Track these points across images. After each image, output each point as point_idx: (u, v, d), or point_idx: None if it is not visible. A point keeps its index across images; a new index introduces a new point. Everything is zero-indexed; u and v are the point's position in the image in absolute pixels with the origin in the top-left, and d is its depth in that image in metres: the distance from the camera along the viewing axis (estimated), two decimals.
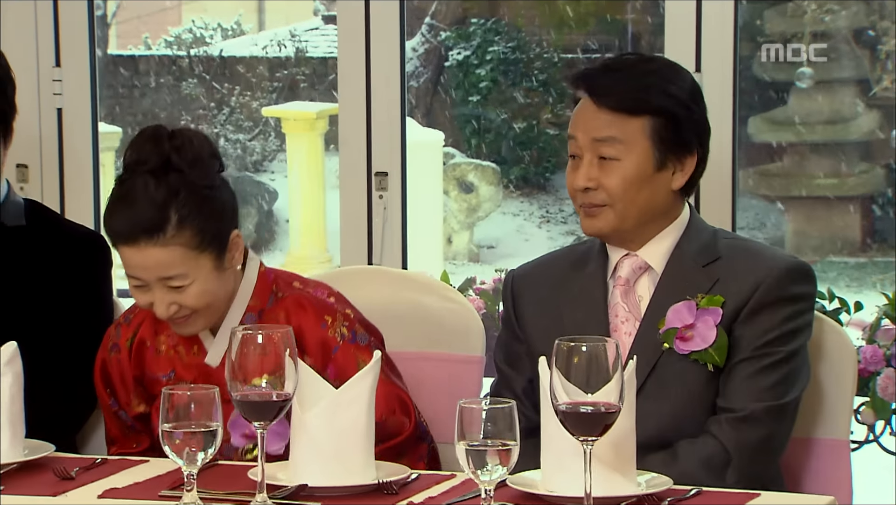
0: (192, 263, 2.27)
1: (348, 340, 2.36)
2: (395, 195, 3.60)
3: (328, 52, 10.27)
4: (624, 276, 2.38)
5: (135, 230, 2.25)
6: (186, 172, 2.28)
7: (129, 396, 2.45)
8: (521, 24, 9.37)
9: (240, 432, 2.30)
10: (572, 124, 2.39)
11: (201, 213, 2.28)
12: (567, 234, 8.89)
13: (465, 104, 9.25)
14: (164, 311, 2.29)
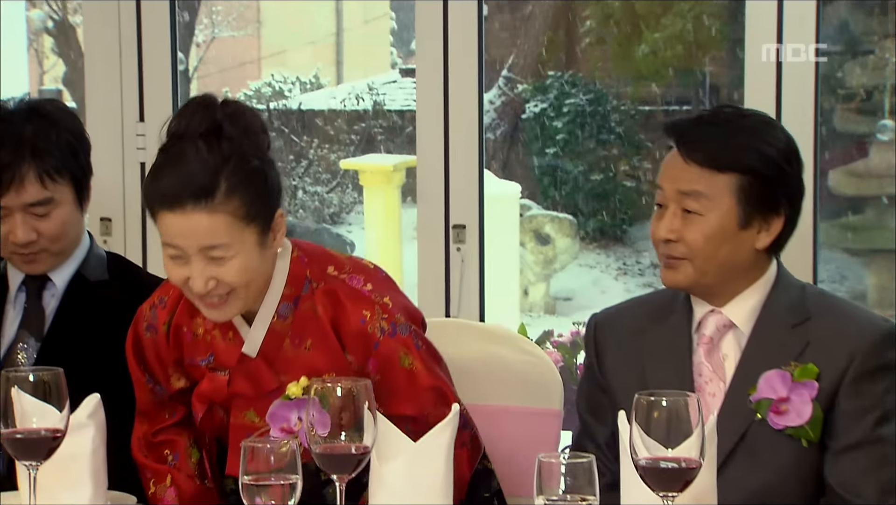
0: (236, 235, 2.16)
1: (388, 333, 2.27)
2: (473, 248, 3.60)
3: (405, 104, 10.34)
4: (708, 333, 2.34)
5: (183, 193, 2.14)
6: (238, 141, 2.18)
7: (167, 373, 2.36)
8: (598, 77, 9.37)
9: (279, 426, 2.23)
10: (661, 173, 2.36)
11: (251, 183, 2.18)
12: (644, 287, 8.84)
13: (542, 156, 9.26)
14: (201, 285, 2.17)
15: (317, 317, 2.27)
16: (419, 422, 2.25)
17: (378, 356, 2.27)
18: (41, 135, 2.52)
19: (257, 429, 2.28)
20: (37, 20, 11.24)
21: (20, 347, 2.56)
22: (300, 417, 2.22)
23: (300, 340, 2.28)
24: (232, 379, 2.30)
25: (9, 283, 2.62)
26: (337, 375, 2.24)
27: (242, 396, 2.30)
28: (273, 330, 2.28)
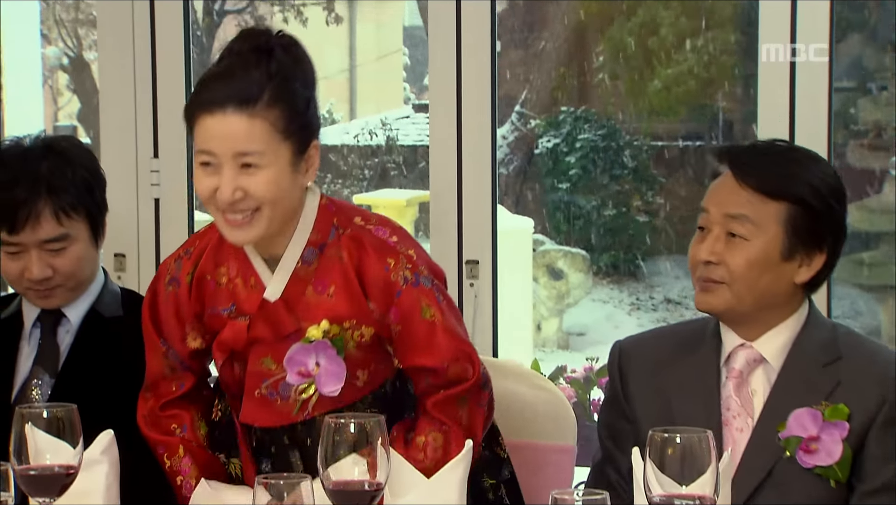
0: (272, 146, 2.17)
1: (412, 283, 2.26)
2: (486, 283, 3.60)
3: (418, 140, 10.36)
4: (738, 367, 2.32)
5: (226, 97, 2.16)
6: (287, 65, 2.21)
7: (184, 331, 2.35)
8: (611, 112, 9.39)
9: (296, 370, 2.23)
10: (707, 197, 2.34)
11: (293, 101, 2.20)
12: (657, 322, 8.82)
13: (555, 191, 9.26)
14: (228, 193, 2.17)
15: (341, 263, 2.26)
16: (439, 374, 2.26)
17: (400, 305, 2.26)
18: (57, 171, 2.54)
19: (272, 375, 2.27)
20: (52, 57, 11.30)
21: (34, 383, 2.57)
22: (318, 361, 2.22)
23: (323, 287, 2.27)
24: (252, 324, 2.28)
25: (24, 319, 2.63)
26: (358, 322, 2.25)
27: (261, 341, 2.28)
28: (296, 276, 2.27)
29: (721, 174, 2.35)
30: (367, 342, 2.27)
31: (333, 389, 2.23)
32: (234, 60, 2.21)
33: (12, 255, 2.55)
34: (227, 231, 2.23)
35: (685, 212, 9.17)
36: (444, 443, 2.26)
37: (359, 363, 2.27)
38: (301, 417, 2.27)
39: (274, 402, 2.28)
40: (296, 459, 2.31)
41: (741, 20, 8.67)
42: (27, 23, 7.46)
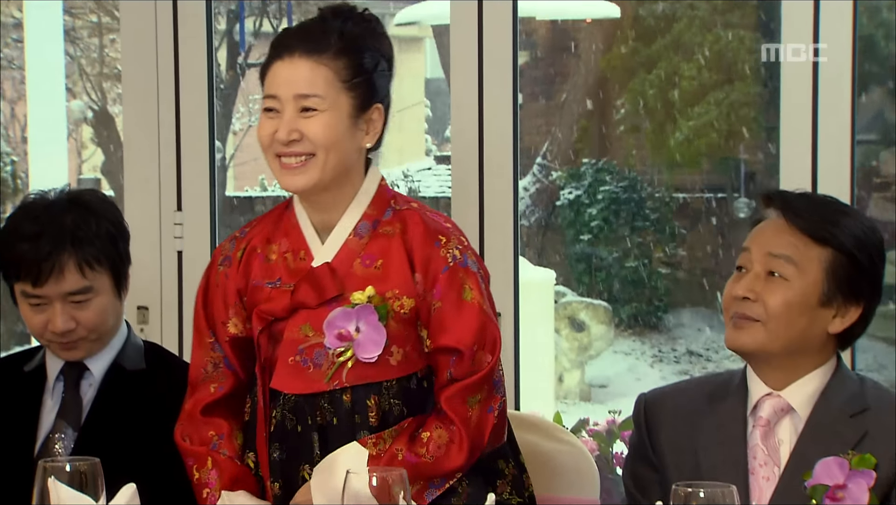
0: (331, 93, 2.26)
1: (459, 262, 2.29)
2: (508, 335, 3.59)
3: (440, 191, 10.39)
4: (765, 416, 2.32)
5: (297, 44, 2.27)
6: (359, 31, 2.32)
7: (227, 314, 2.38)
8: (633, 164, 9.40)
9: (335, 332, 2.25)
10: (750, 238, 2.35)
11: (361, 56, 2.29)
12: (680, 374, 8.78)
13: (577, 243, 9.26)
14: (285, 134, 2.25)
15: (392, 237, 2.30)
16: (464, 359, 2.27)
17: (444, 281, 2.28)
18: (81, 224, 2.55)
19: (310, 343, 2.28)
20: (76, 110, 11.39)
21: (57, 436, 2.57)
22: (358, 327, 2.24)
23: (371, 260, 2.30)
24: (296, 288, 2.30)
25: (47, 372, 2.64)
26: (400, 292, 2.27)
27: (303, 306, 2.29)
28: (347, 247, 2.31)
29: (765, 219, 2.35)
30: (406, 315, 2.28)
31: (371, 355, 2.25)
32: (312, 20, 2.32)
33: (36, 307, 2.56)
34: (283, 176, 2.29)
35: (707, 264, 9.15)
36: (447, 441, 2.27)
37: (395, 338, 2.28)
38: (331, 385, 2.27)
39: (306, 368, 2.29)
40: (315, 440, 2.30)
41: (763, 73, 8.69)
42: (52, 76, 7.52)
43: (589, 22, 9.57)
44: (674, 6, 8.98)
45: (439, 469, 2.26)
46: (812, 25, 3.38)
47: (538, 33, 9.98)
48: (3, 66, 11.72)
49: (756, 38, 8.66)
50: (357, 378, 2.26)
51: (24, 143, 10.41)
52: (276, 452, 2.32)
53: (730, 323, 2.33)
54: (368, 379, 2.27)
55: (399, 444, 2.25)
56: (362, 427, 2.28)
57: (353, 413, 2.27)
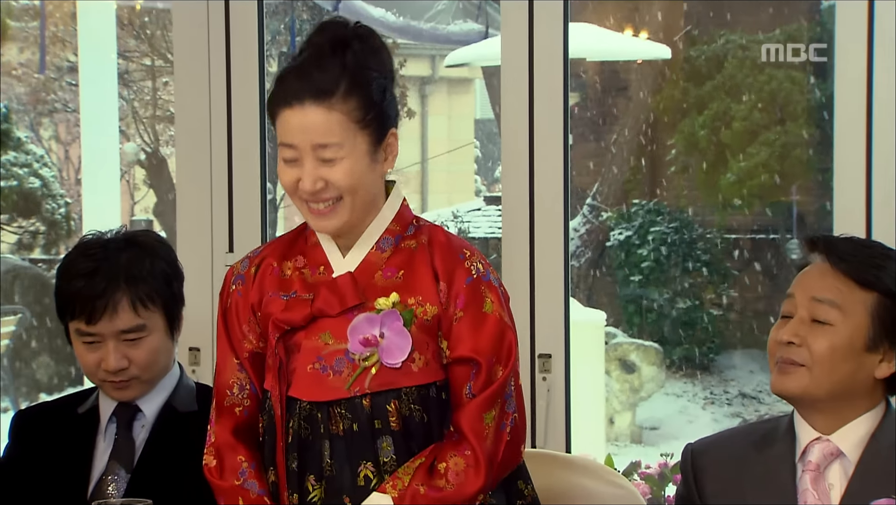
0: (349, 136, 2.23)
1: (482, 275, 2.29)
2: (559, 377, 3.58)
3: (489, 232, 10.39)
4: (815, 461, 2.29)
5: (304, 90, 2.22)
6: (363, 55, 2.27)
7: (243, 331, 2.36)
8: (684, 205, 9.37)
9: (359, 338, 2.24)
10: (795, 283, 2.33)
11: (370, 90, 2.25)
12: (732, 416, 8.71)
13: (627, 284, 9.23)
14: (310, 184, 2.23)
15: (415, 251, 2.31)
16: (482, 371, 2.26)
17: (467, 292, 2.28)
18: (136, 262, 2.57)
19: (330, 351, 2.27)
20: (130, 153, 11.50)
21: (110, 478, 2.58)
22: (383, 332, 2.24)
23: (392, 273, 2.29)
24: (316, 296, 2.29)
25: (100, 414, 2.65)
26: (424, 298, 2.27)
27: (324, 314, 2.28)
28: (368, 259, 2.30)
29: (809, 263, 2.33)
30: (428, 322, 2.27)
31: (397, 360, 2.24)
32: (310, 53, 2.27)
33: (89, 345, 2.58)
34: (313, 220, 2.29)
35: (759, 305, 9.09)
36: (465, 467, 2.24)
37: (418, 344, 2.27)
38: (352, 392, 2.25)
39: (326, 376, 2.27)
40: (326, 449, 2.27)
41: (816, 113, 8.65)
42: (106, 118, 7.60)
43: (639, 63, 9.57)
44: (725, 47, 8.97)
45: (462, 495, 2.25)
46: (866, 67, 3.36)
47: (588, 74, 9.99)
48: (58, 109, 11.85)
49: (808, 79, 8.63)
50: (379, 385, 2.25)
51: (78, 184, 10.52)
52: (293, 463, 2.30)
53: (775, 368, 2.32)
54: (390, 385, 2.26)
55: (418, 480, 2.23)
56: (383, 432, 2.26)
57: (372, 418, 2.25)
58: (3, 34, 9.83)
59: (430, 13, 10.41)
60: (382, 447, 2.26)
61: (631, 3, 9.61)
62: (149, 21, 11.16)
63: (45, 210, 9.60)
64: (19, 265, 9.52)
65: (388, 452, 2.25)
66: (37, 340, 9.29)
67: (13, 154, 9.51)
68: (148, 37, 11.32)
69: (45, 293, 9.21)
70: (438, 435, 2.30)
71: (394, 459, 2.25)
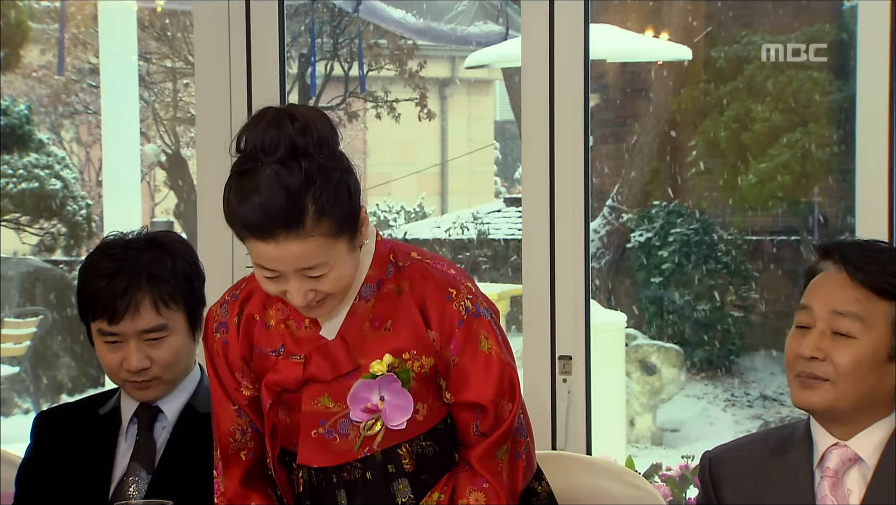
0: (330, 251, 2.13)
1: (472, 313, 2.24)
2: (580, 379, 3.57)
3: (510, 233, 10.38)
4: (833, 467, 2.29)
5: (272, 225, 2.09)
6: (315, 157, 2.12)
7: (236, 380, 2.33)
8: (704, 206, 9.35)
9: (360, 406, 2.21)
10: (809, 294, 2.31)
11: (338, 199, 2.13)
12: (753, 418, 8.68)
13: (648, 286, 9.21)
14: (301, 299, 2.15)
15: (400, 297, 2.26)
16: (488, 415, 2.25)
17: (460, 336, 2.24)
18: (158, 262, 2.57)
19: (332, 415, 2.25)
20: (150, 154, 11.53)
21: (131, 479, 2.58)
22: (382, 396, 2.21)
23: (380, 322, 2.25)
24: (307, 362, 2.25)
25: (121, 415, 2.66)
26: (418, 352, 2.23)
27: (317, 380, 2.25)
28: (354, 312, 2.25)
29: (821, 271, 2.32)
30: (426, 373, 2.25)
31: (400, 422, 2.22)
32: (262, 173, 2.12)
33: (111, 345, 2.58)
34: (304, 311, 2.24)
35: (780, 307, 9.06)
36: (485, 501, 2.24)
37: (419, 396, 2.25)
38: (362, 453, 2.25)
39: (332, 441, 2.26)
40: (342, 497, 2.27)
41: (837, 114, 8.62)
42: (127, 120, 7.63)
43: (660, 64, 9.55)
44: (746, 48, 8.94)
45: None
46: (888, 67, 3.34)
47: (609, 75, 9.97)
48: (79, 111, 11.89)
49: (830, 80, 8.60)
50: (389, 441, 2.25)
51: (99, 186, 10.55)
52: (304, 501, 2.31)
53: (795, 382, 2.29)
54: (399, 439, 2.25)
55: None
56: (398, 476, 2.26)
57: (385, 464, 2.25)
58: (25, 36, 9.87)
59: (450, 14, 10.41)
60: (399, 489, 2.26)
61: (652, 4, 9.60)
62: (169, 23, 11.19)
63: (67, 212, 9.63)
64: (41, 267, 9.55)
65: (405, 493, 2.26)
66: (58, 342, 9.33)
67: (35, 156, 9.54)
68: (169, 39, 11.35)
69: (67, 295, 9.24)
70: (450, 460, 2.30)
71: (412, 499, 2.25)
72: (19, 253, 10.28)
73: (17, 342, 8.73)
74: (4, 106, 9.41)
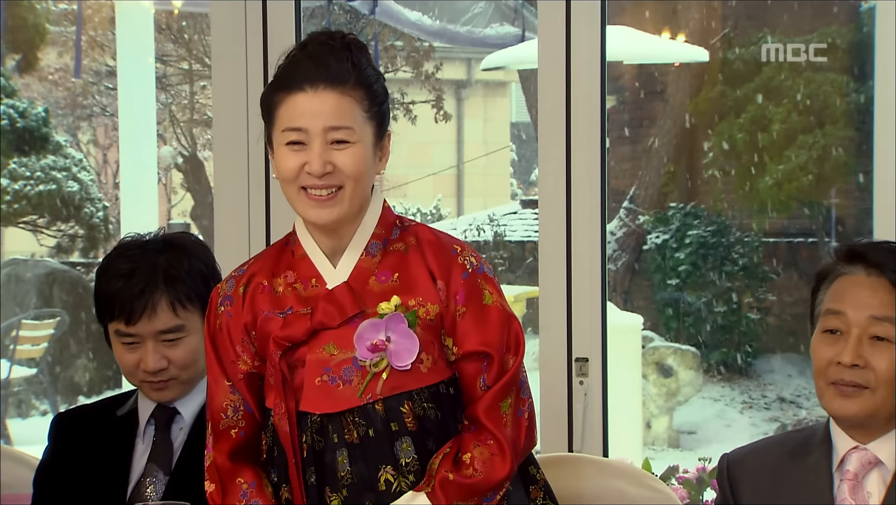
0: (359, 123, 2.26)
1: (476, 269, 2.31)
2: (596, 381, 3.56)
3: (525, 235, 10.38)
4: (853, 470, 2.28)
5: (319, 74, 2.25)
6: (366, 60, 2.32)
7: (236, 352, 2.35)
8: (721, 208, 9.33)
9: (366, 344, 2.24)
10: (838, 299, 2.30)
11: (375, 87, 2.30)
12: (770, 421, 8.66)
13: (664, 288, 9.20)
14: (319, 167, 2.23)
15: (406, 252, 2.32)
16: (494, 364, 2.28)
17: (466, 287, 2.30)
18: (174, 263, 2.58)
19: (337, 361, 2.27)
20: (167, 156, 11.56)
21: (149, 480, 2.59)
22: (389, 336, 2.24)
23: (386, 276, 2.30)
24: (314, 310, 2.28)
25: (139, 417, 2.66)
26: (424, 298, 2.28)
27: (324, 326, 2.27)
28: (360, 266, 2.31)
29: (842, 274, 2.30)
30: (431, 322, 2.28)
31: (406, 362, 2.25)
32: (318, 49, 2.29)
33: (129, 346, 2.59)
34: (310, 209, 2.28)
35: (797, 309, 9.04)
36: (489, 455, 2.25)
37: (424, 346, 2.28)
38: (364, 399, 2.26)
39: (336, 387, 2.27)
40: (343, 458, 2.27)
41: (855, 116, 8.60)
42: (144, 122, 7.64)
43: (677, 66, 9.54)
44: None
45: (490, 481, 2.26)
46: None
47: (626, 77, 9.97)
48: (96, 113, 11.93)
49: (847, 81, 8.58)
50: (391, 389, 2.26)
51: (116, 188, 10.58)
52: (311, 477, 2.29)
53: (831, 389, 2.28)
54: (402, 389, 2.26)
55: (446, 466, 2.24)
56: (402, 433, 2.26)
57: (388, 421, 2.26)
58: (42, 39, 9.90)
59: (466, 16, 10.41)
60: (403, 448, 2.26)
61: (668, 5, 9.58)
62: (186, 25, 11.21)
63: (84, 214, 9.65)
64: (58, 269, 9.58)
65: (409, 453, 2.26)
66: (75, 343, 9.35)
67: (52, 158, 9.57)
68: (185, 41, 11.37)
69: (84, 296, 9.27)
70: (454, 430, 2.30)
71: (415, 459, 2.26)
72: (37, 255, 10.31)
73: (34, 344, 8.76)
74: (22, 108, 9.43)
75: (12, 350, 8.53)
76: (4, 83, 9.46)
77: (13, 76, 9.96)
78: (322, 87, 2.25)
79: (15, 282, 9.40)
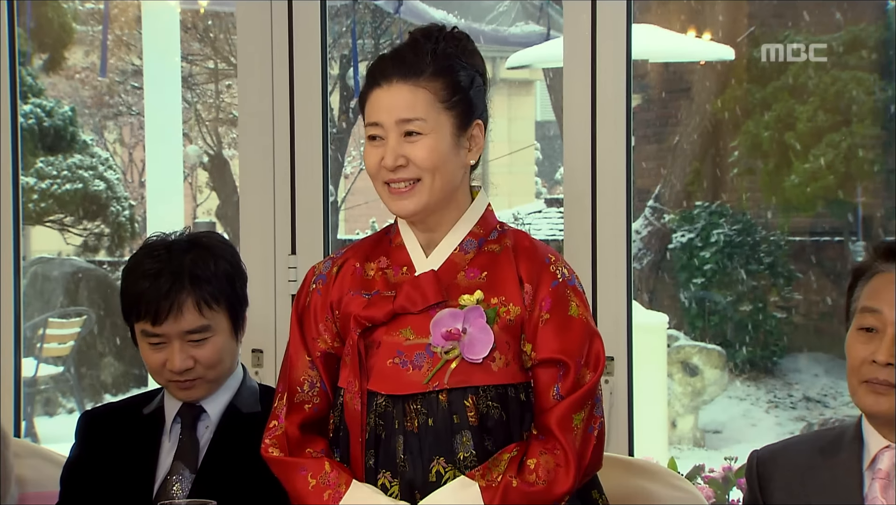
0: (433, 114, 2.29)
1: (567, 280, 2.31)
2: (622, 380, 3.56)
3: (550, 234, 10.36)
4: (885, 469, 2.27)
5: (393, 70, 2.29)
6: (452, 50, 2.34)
7: (318, 330, 2.39)
8: (746, 207, 9.30)
9: (442, 331, 2.25)
10: (875, 297, 2.29)
11: (457, 75, 2.31)
12: (796, 420, 8.64)
13: (690, 287, 9.17)
14: (392, 160, 2.27)
15: (499, 254, 2.33)
16: (570, 373, 2.27)
17: (553, 295, 2.29)
18: (200, 263, 2.59)
19: (411, 346, 2.28)
20: (193, 155, 11.59)
21: (175, 478, 2.59)
22: (465, 327, 2.25)
23: (475, 273, 2.31)
24: (398, 293, 2.31)
25: (165, 415, 2.67)
26: (507, 298, 2.28)
27: (405, 311, 2.29)
28: (452, 260, 2.32)
29: (879, 272, 2.29)
30: (511, 322, 2.28)
31: (478, 356, 2.25)
32: (404, 44, 2.35)
33: (155, 346, 2.60)
34: (392, 202, 2.32)
35: (823, 308, 9.01)
36: (554, 465, 2.24)
37: (500, 344, 2.28)
38: (431, 386, 2.26)
39: (406, 371, 2.28)
40: (399, 445, 2.27)
41: (881, 115, 8.56)
42: (170, 122, 7.67)
43: (702, 64, 9.52)
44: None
45: (551, 494, 2.24)
46: None
47: (651, 76, 9.95)
48: (122, 113, 11.97)
49: (874, 80, 8.54)
50: (458, 381, 2.26)
51: (142, 187, 10.62)
52: (371, 460, 2.30)
53: (864, 387, 2.27)
54: (469, 382, 2.26)
55: (510, 472, 2.23)
56: (462, 427, 2.25)
57: (450, 413, 2.25)
58: (69, 38, 9.94)
59: (491, 15, 10.41)
60: (462, 442, 2.26)
61: (694, 4, 9.56)
62: (212, 24, 11.24)
63: (110, 212, 9.69)
64: (84, 267, 9.62)
65: (468, 448, 2.25)
66: (102, 342, 9.39)
67: (78, 157, 9.61)
68: (211, 40, 11.40)
69: (110, 295, 9.30)
70: (518, 435, 2.29)
71: (473, 455, 2.25)
72: (63, 253, 10.35)
73: (60, 342, 8.80)
74: (49, 107, 9.48)
75: (39, 348, 8.57)
76: (31, 82, 9.51)
77: (40, 75, 10.01)
78: (395, 81, 2.29)
79: (42, 280, 9.44)
